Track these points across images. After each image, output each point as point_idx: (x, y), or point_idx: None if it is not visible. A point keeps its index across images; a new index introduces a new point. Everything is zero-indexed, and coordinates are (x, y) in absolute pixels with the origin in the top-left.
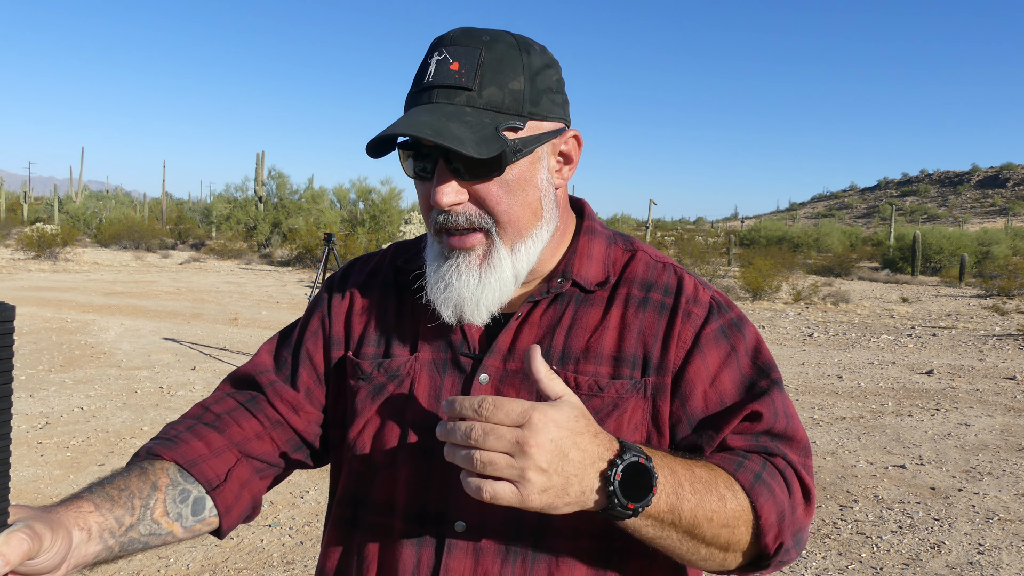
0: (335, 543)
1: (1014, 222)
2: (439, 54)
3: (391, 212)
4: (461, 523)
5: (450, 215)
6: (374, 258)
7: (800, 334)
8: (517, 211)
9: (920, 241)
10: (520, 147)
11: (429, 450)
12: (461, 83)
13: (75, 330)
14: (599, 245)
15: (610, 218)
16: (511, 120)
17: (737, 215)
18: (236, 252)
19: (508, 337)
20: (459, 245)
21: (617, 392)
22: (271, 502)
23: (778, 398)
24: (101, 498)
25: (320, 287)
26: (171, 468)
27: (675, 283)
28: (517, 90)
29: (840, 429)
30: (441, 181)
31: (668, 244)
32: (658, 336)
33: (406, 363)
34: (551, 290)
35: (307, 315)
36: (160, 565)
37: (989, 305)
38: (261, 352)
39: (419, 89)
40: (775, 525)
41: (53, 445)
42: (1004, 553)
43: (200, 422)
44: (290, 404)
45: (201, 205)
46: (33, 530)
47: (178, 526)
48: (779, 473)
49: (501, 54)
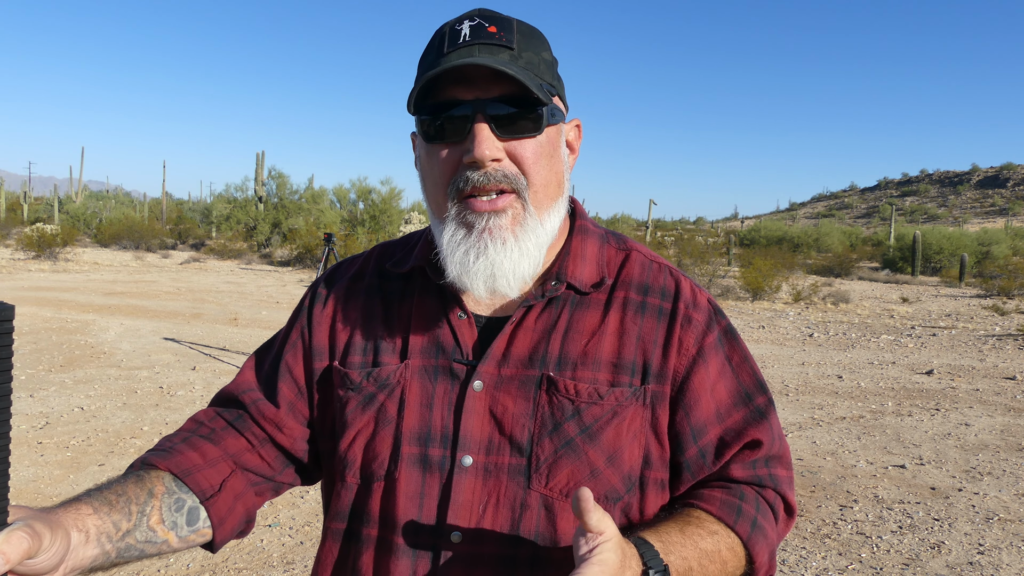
0: (329, 556)
1: (1014, 222)
2: (471, 21)
3: (391, 212)
4: (457, 534)
5: (487, 173)
6: (357, 261)
7: (800, 334)
8: (548, 175)
9: (920, 241)
10: (554, 111)
11: (423, 459)
12: (503, 42)
13: (75, 330)
14: (592, 245)
15: (610, 218)
16: (548, 85)
17: (737, 215)
18: (236, 252)
19: (503, 342)
20: (490, 208)
21: (617, 400)
22: (271, 502)
23: (774, 421)
24: (99, 502)
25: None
26: (166, 477)
27: (673, 286)
28: (549, 61)
29: (840, 429)
30: (483, 135)
31: (668, 244)
32: (657, 343)
33: (396, 371)
34: (546, 293)
35: (287, 326)
36: (160, 565)
37: (989, 305)
38: (244, 370)
39: (453, 48)
40: (766, 563)
41: (53, 445)
42: (1004, 553)
43: (195, 434)
44: (273, 421)
45: (201, 205)
46: (33, 529)
47: (173, 535)
48: (770, 509)
49: (530, 28)
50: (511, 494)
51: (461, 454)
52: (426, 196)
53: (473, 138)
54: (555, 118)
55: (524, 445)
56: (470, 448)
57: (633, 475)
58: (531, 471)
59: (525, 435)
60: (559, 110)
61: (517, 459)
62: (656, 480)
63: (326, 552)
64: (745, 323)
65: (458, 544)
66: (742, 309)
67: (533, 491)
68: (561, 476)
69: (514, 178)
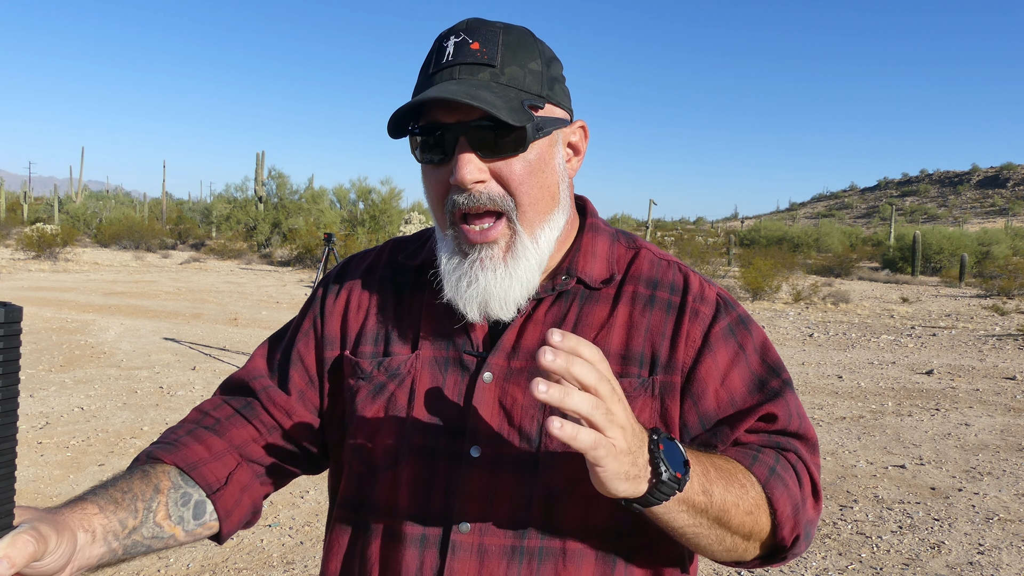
0: (337, 546)
1: (1014, 222)
2: (456, 37)
3: (391, 212)
4: (466, 524)
5: (472, 195)
6: (370, 255)
7: (800, 334)
8: (537, 193)
9: (920, 241)
10: (541, 126)
11: (432, 450)
12: (484, 60)
13: (75, 330)
14: (603, 243)
15: (610, 218)
16: (533, 98)
17: (737, 215)
18: (236, 252)
19: (512, 335)
20: (481, 239)
21: (626, 391)
22: (271, 502)
23: (791, 399)
24: (105, 500)
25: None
26: (172, 471)
27: (681, 281)
28: (536, 71)
29: (840, 429)
30: (464, 158)
31: (668, 244)
32: (666, 335)
33: (407, 361)
34: (556, 287)
35: (300, 316)
36: (160, 565)
37: (989, 305)
38: (255, 357)
39: (437, 69)
40: (791, 518)
41: (53, 445)
42: (1004, 553)
43: (200, 426)
44: (283, 409)
45: (201, 205)
46: (39, 532)
47: (180, 530)
48: (791, 467)
49: (518, 38)
50: (519, 485)
51: (470, 445)
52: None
53: (456, 161)
54: (543, 131)
55: (533, 436)
56: (479, 439)
57: None
58: (539, 462)
59: (534, 426)
60: (552, 120)
61: (526, 450)
62: None
63: (334, 541)
64: None
65: (466, 534)
66: None
67: (541, 481)
68: (569, 467)
69: (500, 199)
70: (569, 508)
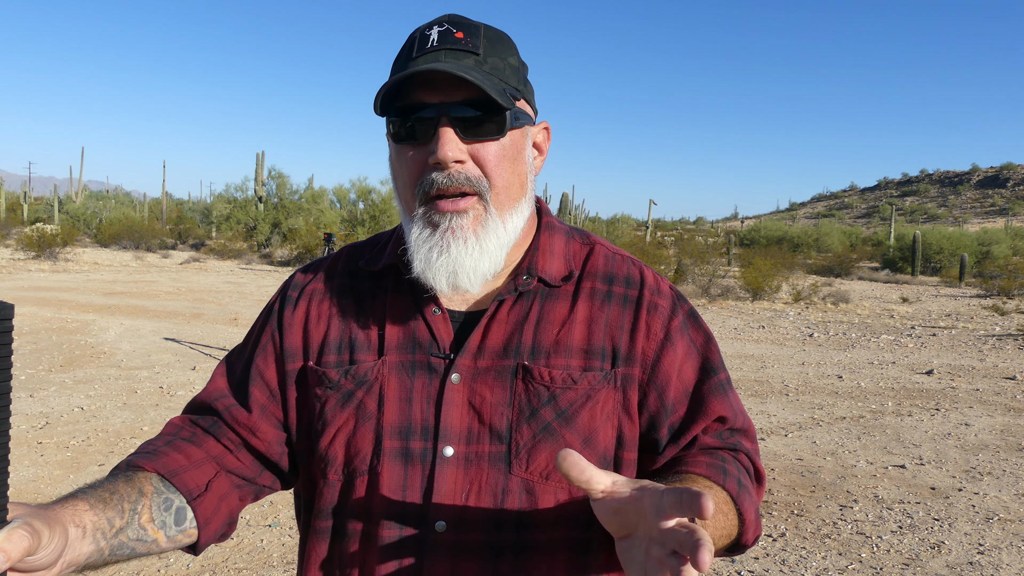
0: (315, 555)
1: (1014, 222)
2: (439, 27)
3: (391, 212)
4: (441, 523)
5: (451, 175)
6: (324, 263)
7: (800, 334)
8: (510, 178)
9: (920, 241)
10: (518, 115)
11: (405, 452)
12: (468, 47)
13: (75, 330)
14: (559, 240)
15: (610, 218)
16: (512, 89)
17: (737, 215)
18: (236, 252)
19: (478, 336)
20: (452, 208)
21: (590, 384)
22: (271, 502)
23: (734, 397)
24: (94, 499)
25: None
26: (154, 478)
27: (637, 275)
28: (514, 66)
29: (840, 429)
30: (447, 137)
31: (668, 244)
32: (624, 328)
33: (373, 367)
34: (518, 288)
35: (257, 331)
36: (160, 565)
37: (989, 305)
38: (215, 377)
39: (421, 53)
40: (754, 522)
41: (53, 445)
42: (1004, 553)
43: (177, 438)
44: (246, 426)
45: (201, 205)
46: (32, 527)
47: (162, 534)
48: (746, 470)
49: (498, 34)
50: (493, 481)
51: (442, 445)
52: (397, 194)
53: (437, 140)
54: (519, 121)
55: (503, 433)
56: (451, 439)
57: (608, 455)
58: (511, 457)
59: (504, 423)
60: (525, 114)
61: (497, 447)
62: (629, 460)
63: (311, 550)
64: (745, 323)
65: (442, 533)
66: (742, 309)
67: (514, 476)
68: (540, 460)
69: (476, 180)
70: (542, 501)
